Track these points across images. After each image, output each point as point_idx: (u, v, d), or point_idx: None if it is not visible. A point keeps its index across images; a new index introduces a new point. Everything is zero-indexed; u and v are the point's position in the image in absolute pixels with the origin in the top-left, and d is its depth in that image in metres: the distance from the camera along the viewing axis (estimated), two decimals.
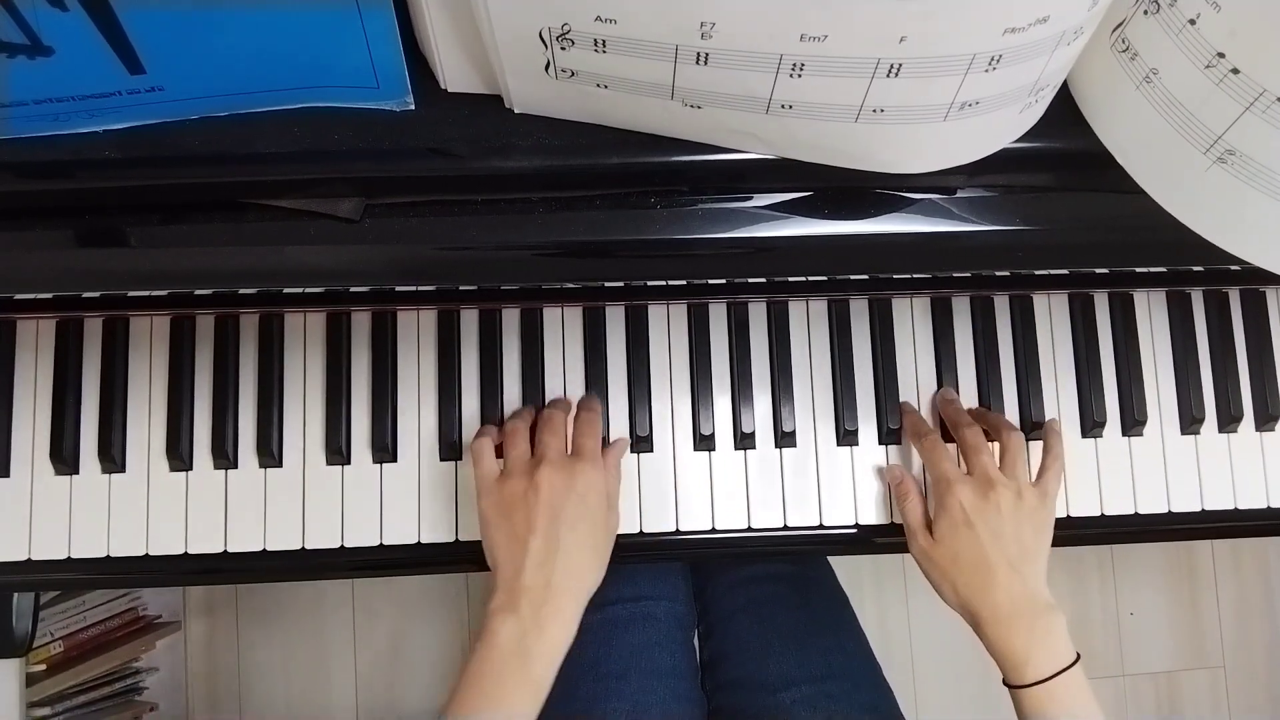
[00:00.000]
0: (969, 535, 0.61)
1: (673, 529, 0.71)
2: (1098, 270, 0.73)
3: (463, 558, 0.70)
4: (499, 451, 0.65)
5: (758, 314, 0.73)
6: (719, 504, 0.71)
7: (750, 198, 0.54)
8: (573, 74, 0.45)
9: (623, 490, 0.70)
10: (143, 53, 0.42)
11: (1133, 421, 0.73)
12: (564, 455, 0.62)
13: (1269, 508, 0.73)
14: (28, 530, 0.69)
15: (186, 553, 0.69)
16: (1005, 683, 0.61)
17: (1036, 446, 0.71)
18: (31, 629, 0.75)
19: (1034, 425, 0.72)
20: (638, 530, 0.70)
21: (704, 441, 0.71)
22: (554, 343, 0.72)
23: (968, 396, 0.72)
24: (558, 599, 0.57)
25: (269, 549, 0.69)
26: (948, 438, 0.70)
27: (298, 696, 1.43)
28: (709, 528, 0.71)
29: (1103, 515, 0.72)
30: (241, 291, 0.69)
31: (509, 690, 0.55)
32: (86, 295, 0.69)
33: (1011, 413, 0.73)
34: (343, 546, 0.70)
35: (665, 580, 0.85)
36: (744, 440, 0.71)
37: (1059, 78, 0.46)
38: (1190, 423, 0.73)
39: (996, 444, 0.67)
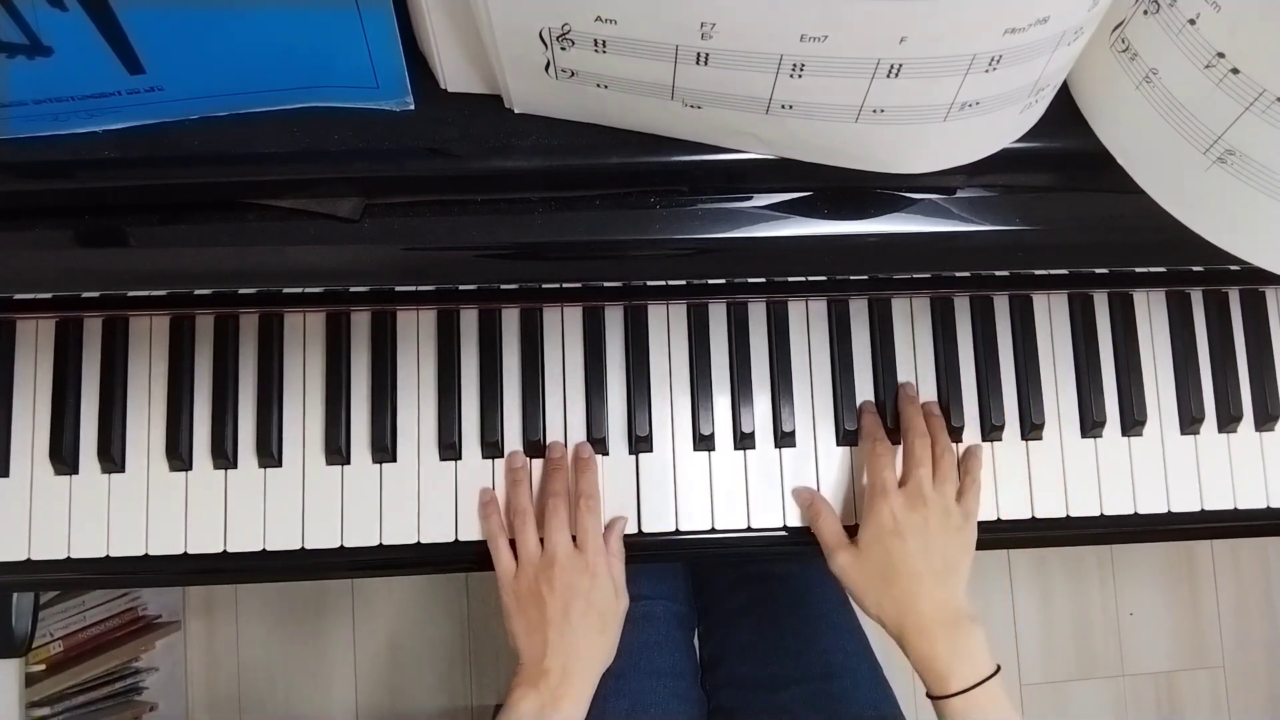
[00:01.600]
0: (898, 544, 0.63)
1: (673, 529, 0.71)
2: (1098, 270, 0.73)
3: (462, 557, 0.70)
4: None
5: (758, 314, 0.73)
6: (719, 504, 0.71)
7: (750, 198, 0.54)
8: (573, 74, 0.45)
9: (623, 490, 0.71)
10: (142, 53, 0.42)
11: (1132, 421, 0.73)
12: (571, 552, 0.66)
13: (1269, 508, 0.73)
14: (27, 530, 0.69)
15: (186, 553, 0.69)
16: (928, 695, 0.62)
17: (1028, 448, 0.71)
18: (31, 629, 0.75)
19: (1034, 426, 0.72)
20: (638, 530, 0.71)
21: (704, 441, 0.71)
22: (554, 343, 0.72)
23: (968, 396, 0.72)
24: (572, 681, 0.63)
25: (269, 549, 0.69)
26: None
27: (298, 696, 1.43)
28: (709, 528, 0.71)
29: (1102, 515, 0.72)
30: (241, 291, 0.69)
31: None
32: (86, 295, 0.69)
33: (1011, 413, 0.73)
34: (343, 546, 0.69)
35: (665, 580, 0.85)
36: (744, 440, 0.71)
37: (1059, 78, 0.46)
38: (1190, 423, 0.73)
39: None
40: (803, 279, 0.71)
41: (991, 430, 0.72)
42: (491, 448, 0.70)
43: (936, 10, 0.37)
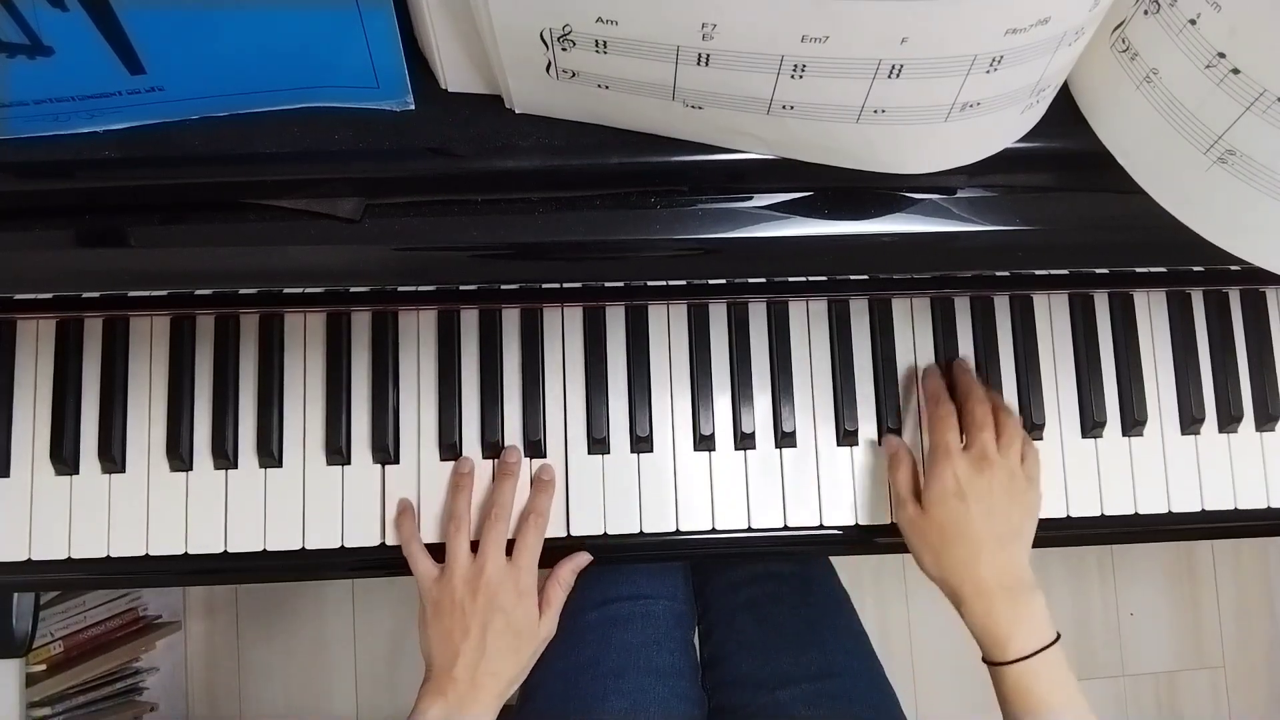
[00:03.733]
0: (960, 507, 0.62)
1: (673, 529, 0.71)
2: (1098, 270, 0.73)
3: None
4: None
5: (758, 314, 0.73)
6: (719, 504, 0.71)
7: (750, 198, 0.54)
8: (574, 75, 0.45)
9: (622, 491, 0.71)
10: (143, 53, 0.42)
11: (1133, 421, 0.73)
12: (503, 566, 0.65)
13: (1269, 508, 0.73)
14: (28, 530, 0.69)
15: (186, 553, 0.69)
16: (985, 660, 0.61)
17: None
18: (31, 629, 0.75)
19: (1034, 426, 0.72)
20: (638, 530, 0.71)
21: (704, 441, 0.71)
22: (554, 343, 0.72)
23: None
24: (480, 693, 0.63)
25: (269, 549, 0.69)
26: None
27: (298, 696, 1.43)
28: (709, 528, 0.71)
29: (1103, 515, 0.72)
30: (241, 291, 0.69)
31: None
32: (86, 295, 0.69)
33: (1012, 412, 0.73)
34: (343, 546, 0.70)
35: (665, 579, 0.85)
36: (744, 440, 0.71)
37: (1060, 78, 0.46)
38: (1190, 423, 0.73)
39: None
40: (803, 279, 0.71)
41: None
42: (492, 448, 0.70)
43: (938, 11, 0.37)
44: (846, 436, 0.72)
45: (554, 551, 0.70)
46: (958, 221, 0.54)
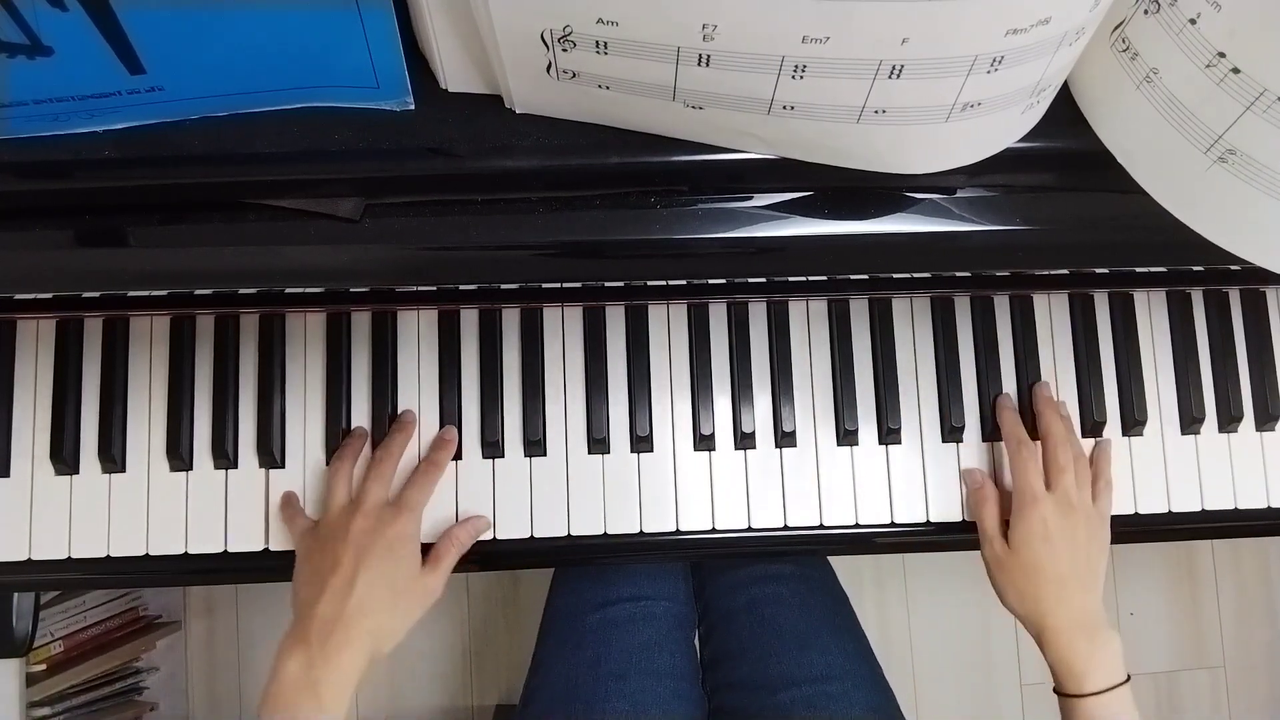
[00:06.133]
0: (1048, 551, 0.64)
1: (673, 529, 0.71)
2: (1098, 270, 0.73)
3: (463, 557, 0.70)
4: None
5: (758, 314, 0.73)
6: (719, 504, 0.71)
7: (750, 198, 0.54)
8: (574, 75, 0.45)
9: (622, 490, 0.71)
10: (143, 53, 0.42)
11: (1133, 421, 0.73)
12: (381, 505, 0.63)
13: (1269, 508, 0.73)
14: (28, 530, 0.69)
15: (187, 553, 0.69)
16: (1058, 690, 0.64)
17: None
18: (31, 629, 0.75)
19: (1034, 426, 0.72)
20: (638, 530, 0.70)
21: (704, 441, 0.71)
22: (554, 343, 0.72)
23: (967, 397, 0.72)
24: (347, 629, 0.58)
25: (269, 549, 0.69)
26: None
27: None
28: (709, 528, 0.71)
29: None
30: (241, 291, 0.69)
31: None
32: (86, 295, 0.69)
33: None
34: None
35: (665, 580, 0.85)
36: (744, 440, 0.71)
37: (1060, 78, 0.46)
38: (1190, 423, 0.73)
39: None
40: (803, 279, 0.71)
41: (992, 430, 0.72)
42: (492, 448, 0.70)
43: (938, 11, 0.37)
44: (846, 436, 0.72)
45: (552, 553, 0.70)
46: (958, 221, 0.54)
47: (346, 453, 0.67)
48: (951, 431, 0.72)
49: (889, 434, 0.72)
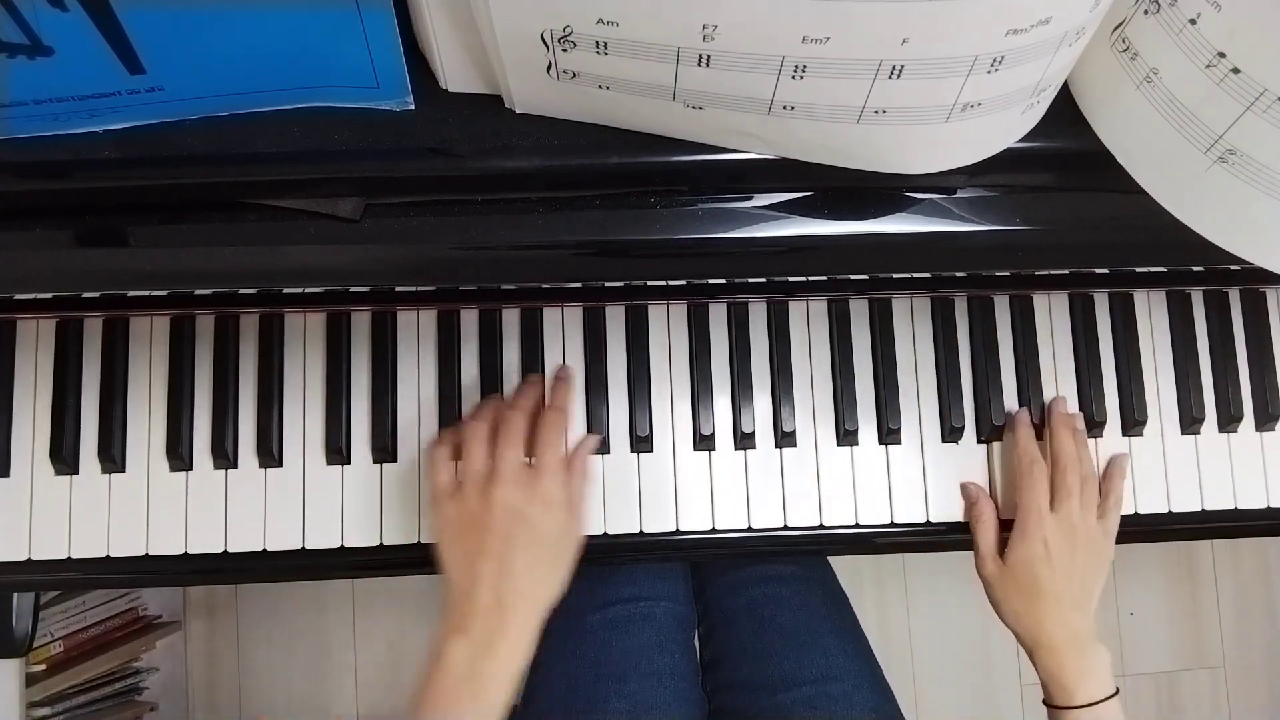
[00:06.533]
0: (1046, 571, 0.65)
1: (673, 529, 0.71)
2: (1098, 270, 0.73)
3: None
4: (458, 454, 0.62)
5: (758, 314, 0.73)
6: (719, 504, 0.71)
7: (750, 198, 0.54)
8: (574, 75, 0.45)
9: (622, 491, 0.71)
10: (143, 53, 0.42)
11: (1133, 421, 0.73)
12: (521, 471, 0.59)
13: (1269, 508, 0.73)
14: (28, 530, 0.69)
15: (186, 553, 0.69)
16: (1048, 703, 0.66)
17: None
18: (31, 629, 0.75)
19: (1034, 426, 0.72)
20: (638, 530, 0.70)
21: (704, 441, 0.71)
22: (554, 343, 0.72)
23: (967, 397, 0.72)
24: (509, 619, 0.55)
25: (269, 549, 0.69)
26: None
27: (298, 696, 1.43)
28: (709, 528, 0.71)
29: None
30: (241, 291, 0.69)
31: (463, 715, 0.54)
32: (86, 295, 0.69)
33: (1011, 413, 0.73)
34: (343, 546, 0.69)
35: (665, 581, 0.85)
36: (744, 440, 0.71)
37: (1060, 78, 0.46)
38: (1190, 423, 0.73)
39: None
40: (803, 279, 0.71)
41: (990, 431, 0.72)
42: None
43: (939, 12, 0.37)
44: (846, 436, 0.72)
45: None
46: (958, 221, 0.54)
47: (483, 413, 0.62)
48: (951, 431, 0.72)
49: (889, 434, 0.72)
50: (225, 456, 0.69)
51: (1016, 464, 0.69)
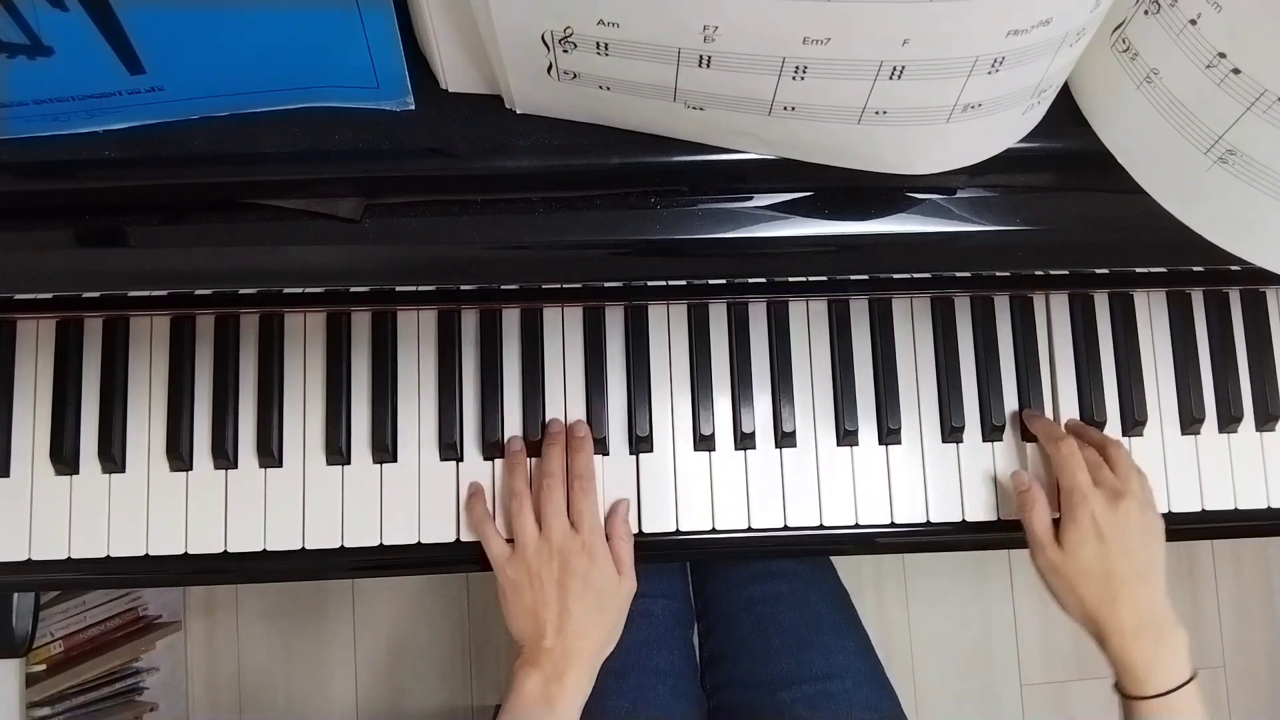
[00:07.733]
0: (1101, 548, 0.63)
1: (673, 529, 0.71)
2: (1098, 270, 0.73)
3: (463, 558, 0.70)
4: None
5: (758, 314, 0.73)
6: (719, 504, 0.71)
7: (750, 198, 0.54)
8: (575, 76, 0.45)
9: (622, 491, 0.71)
10: (143, 53, 0.42)
11: (1133, 421, 0.73)
12: (568, 533, 0.66)
13: (1269, 508, 0.73)
14: (28, 530, 0.69)
15: (186, 553, 0.69)
16: (1120, 690, 0.62)
17: (1029, 449, 0.71)
18: (31, 629, 0.75)
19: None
20: (638, 530, 0.70)
21: (704, 441, 0.71)
22: (554, 343, 0.72)
23: (968, 397, 0.72)
24: (573, 657, 0.63)
25: (269, 549, 0.69)
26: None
27: (298, 696, 1.43)
28: (709, 528, 0.71)
29: None
30: (241, 291, 0.69)
31: None
32: (86, 295, 0.69)
33: (1012, 413, 0.73)
34: (343, 546, 0.69)
35: (664, 578, 0.85)
36: (744, 440, 0.71)
37: (1061, 79, 0.46)
38: (1190, 423, 0.73)
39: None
40: (803, 279, 0.71)
41: (992, 431, 0.72)
42: (492, 448, 0.70)
43: (940, 12, 0.37)
44: (846, 436, 0.72)
45: None
46: (958, 221, 0.54)
47: (518, 482, 0.68)
48: (952, 432, 0.72)
49: (889, 434, 0.72)
50: (225, 456, 0.69)
51: (1046, 447, 0.69)
